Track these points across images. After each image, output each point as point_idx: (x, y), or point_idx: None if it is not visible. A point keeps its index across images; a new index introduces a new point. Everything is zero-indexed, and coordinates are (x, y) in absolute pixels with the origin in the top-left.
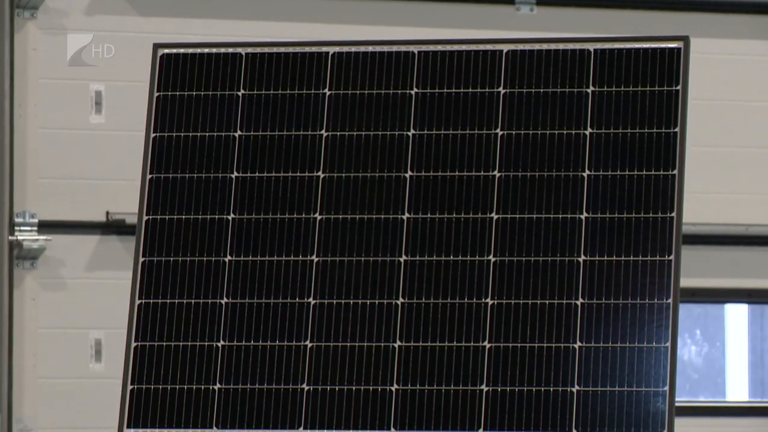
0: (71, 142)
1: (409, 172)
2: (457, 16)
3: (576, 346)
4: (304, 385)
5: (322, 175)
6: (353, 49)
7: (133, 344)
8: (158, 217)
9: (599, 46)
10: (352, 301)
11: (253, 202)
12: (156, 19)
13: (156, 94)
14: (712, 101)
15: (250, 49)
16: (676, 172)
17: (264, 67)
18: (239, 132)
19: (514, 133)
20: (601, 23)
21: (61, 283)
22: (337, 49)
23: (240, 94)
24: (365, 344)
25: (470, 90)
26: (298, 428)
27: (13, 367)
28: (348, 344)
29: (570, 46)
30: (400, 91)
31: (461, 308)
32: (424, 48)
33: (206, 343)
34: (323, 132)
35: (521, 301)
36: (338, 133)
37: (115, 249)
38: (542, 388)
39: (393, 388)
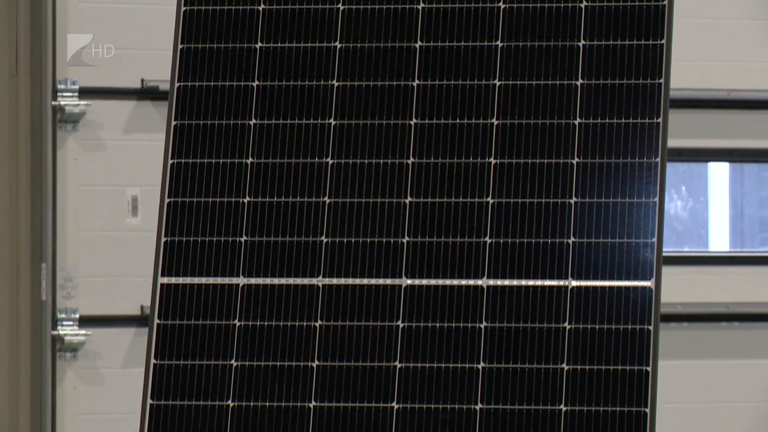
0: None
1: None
2: None
3: (572, 201)
4: (323, 238)
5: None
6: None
7: (167, 200)
8: (189, 87)
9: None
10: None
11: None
12: None
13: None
14: None
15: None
16: (663, 41)
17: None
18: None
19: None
20: None
21: (100, 144)
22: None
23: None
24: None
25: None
26: (318, 276)
27: (57, 221)
28: (363, 199)
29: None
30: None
31: (466, 169)
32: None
33: (233, 200)
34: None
35: (521, 161)
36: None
37: (149, 113)
38: (540, 240)
39: (405, 240)
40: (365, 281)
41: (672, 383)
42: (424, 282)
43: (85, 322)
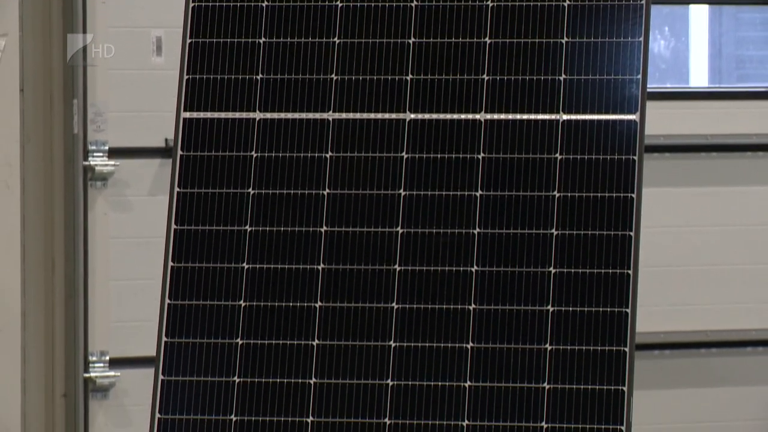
0: None
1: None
2: None
3: (563, 41)
4: (333, 75)
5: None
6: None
7: (188, 41)
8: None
9: None
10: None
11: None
12: None
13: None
14: None
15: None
16: None
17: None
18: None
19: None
20: None
21: None
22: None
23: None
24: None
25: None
26: (328, 111)
27: (87, 60)
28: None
29: None
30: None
31: (465, 11)
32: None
33: (250, 40)
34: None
35: (516, 3)
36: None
37: None
38: (534, 77)
39: (408, 77)
40: (372, 115)
41: (656, 209)
42: (427, 116)
43: (114, 153)
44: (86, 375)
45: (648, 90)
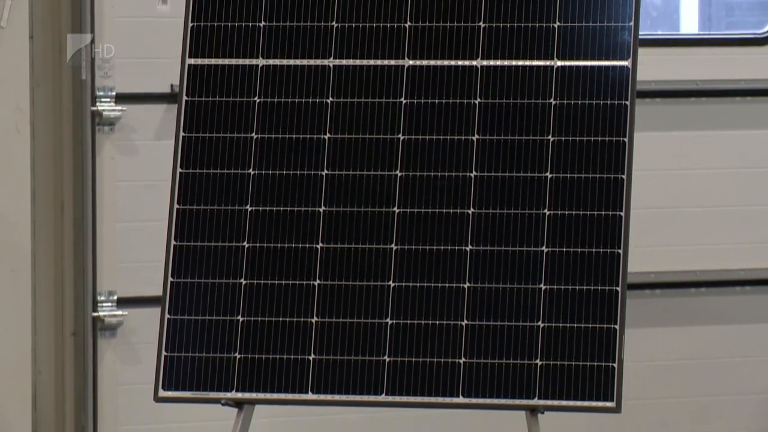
0: None
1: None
2: None
3: None
4: (334, 23)
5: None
6: None
7: None
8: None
9: None
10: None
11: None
12: None
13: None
14: None
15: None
16: None
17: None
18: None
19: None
20: None
21: None
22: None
23: None
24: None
25: None
26: (329, 57)
27: (95, 7)
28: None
29: None
30: None
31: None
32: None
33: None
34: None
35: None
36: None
37: None
38: (529, 24)
39: (407, 25)
40: (371, 62)
41: (648, 153)
42: (425, 62)
43: (120, 99)
44: (95, 314)
45: (640, 37)
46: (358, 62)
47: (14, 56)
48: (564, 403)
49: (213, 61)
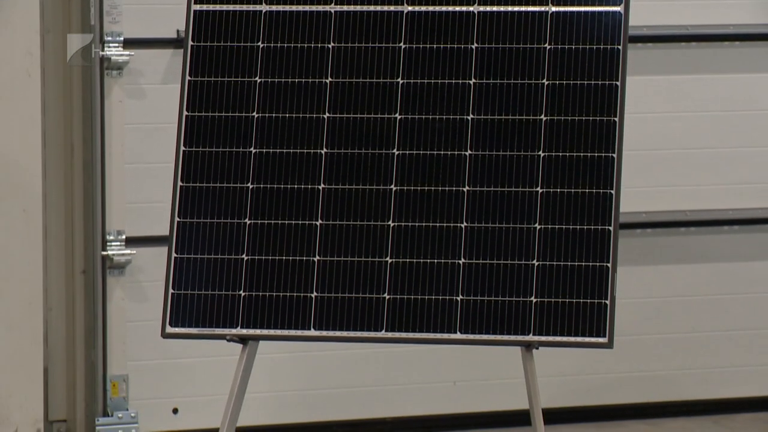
0: None
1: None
2: None
3: None
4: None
5: (335, 8)
6: None
7: None
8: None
9: None
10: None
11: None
12: None
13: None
14: None
15: None
16: None
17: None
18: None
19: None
20: None
21: None
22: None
23: None
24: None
25: None
26: (330, 3)
27: None
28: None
29: None
30: None
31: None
32: None
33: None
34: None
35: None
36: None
37: None
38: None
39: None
40: (371, 7)
41: (640, 96)
42: (423, 8)
43: (128, 44)
44: (104, 253)
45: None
46: (359, 8)
47: (24, 2)
48: (558, 338)
49: (218, 7)
